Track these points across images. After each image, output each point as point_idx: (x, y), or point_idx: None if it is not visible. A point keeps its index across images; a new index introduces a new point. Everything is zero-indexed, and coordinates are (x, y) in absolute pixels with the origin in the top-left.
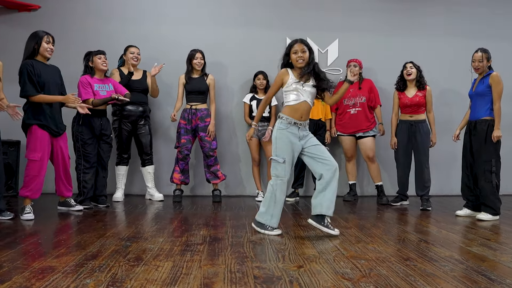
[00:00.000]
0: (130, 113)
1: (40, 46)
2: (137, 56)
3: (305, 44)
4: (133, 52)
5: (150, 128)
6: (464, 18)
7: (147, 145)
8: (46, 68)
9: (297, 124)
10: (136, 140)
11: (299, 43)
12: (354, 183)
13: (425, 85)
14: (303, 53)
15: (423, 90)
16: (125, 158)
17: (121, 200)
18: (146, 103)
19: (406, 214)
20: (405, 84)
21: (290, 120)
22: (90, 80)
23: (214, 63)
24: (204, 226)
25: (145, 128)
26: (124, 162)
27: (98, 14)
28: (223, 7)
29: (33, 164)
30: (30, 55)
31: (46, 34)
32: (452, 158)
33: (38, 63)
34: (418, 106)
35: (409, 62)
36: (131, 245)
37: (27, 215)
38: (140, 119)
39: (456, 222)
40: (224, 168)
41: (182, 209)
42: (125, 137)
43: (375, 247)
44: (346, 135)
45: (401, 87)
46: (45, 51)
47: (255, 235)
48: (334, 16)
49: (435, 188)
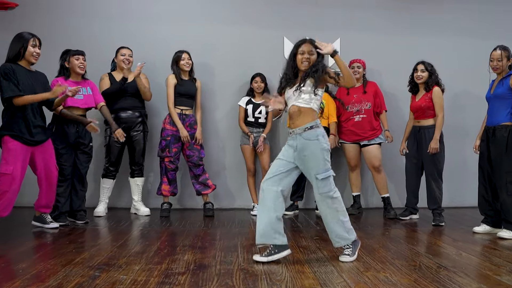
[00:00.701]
0: (124, 120)
1: (26, 50)
2: (129, 58)
3: (313, 46)
4: (124, 54)
5: (146, 136)
6: (477, 15)
7: (140, 154)
8: (29, 74)
9: (290, 133)
10: (129, 147)
11: (307, 44)
12: (358, 194)
13: (432, 86)
14: (310, 55)
15: (429, 92)
16: (112, 171)
17: (103, 214)
18: (142, 107)
19: (417, 230)
20: (417, 86)
21: (290, 131)
22: (62, 83)
23: (204, 64)
24: (190, 248)
25: (140, 135)
26: (110, 176)
27: (81, 12)
28: (214, 3)
29: (3, 178)
30: (13, 59)
31: (32, 37)
32: (463, 166)
33: (20, 68)
34: (423, 110)
35: (421, 62)
36: (100, 275)
37: None
38: (135, 125)
39: (475, 241)
40: (214, 179)
41: (169, 225)
42: (116, 149)
43: (387, 277)
44: (350, 143)
45: (413, 89)
46: (30, 55)
47: (247, 261)
48: (335, 14)
49: (445, 199)
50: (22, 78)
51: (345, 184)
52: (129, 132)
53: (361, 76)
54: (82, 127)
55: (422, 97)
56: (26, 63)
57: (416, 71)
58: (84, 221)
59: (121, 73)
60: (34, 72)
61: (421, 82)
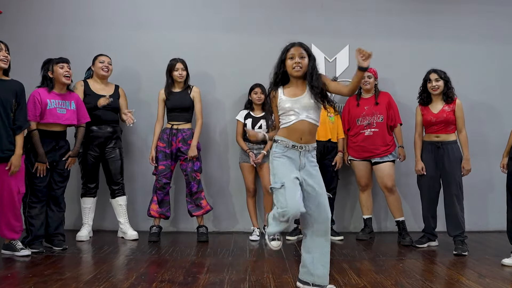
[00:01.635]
0: (97, 134)
1: None
2: (108, 66)
3: (304, 48)
4: (103, 61)
5: (122, 152)
6: (499, 19)
7: (117, 172)
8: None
9: (296, 148)
10: (104, 166)
11: (297, 47)
12: (370, 217)
13: (454, 98)
14: (301, 58)
15: (451, 104)
16: (92, 188)
17: (86, 239)
18: (117, 122)
19: (436, 262)
20: (429, 97)
21: (287, 143)
22: (45, 96)
23: (201, 74)
24: (169, 284)
25: (114, 152)
26: (90, 193)
27: (67, 19)
28: (212, 9)
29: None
30: None
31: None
32: (487, 186)
33: None
34: (446, 124)
35: (433, 71)
36: None
37: None
38: (109, 142)
39: (505, 278)
40: (214, 199)
41: (155, 253)
42: (90, 164)
43: None
44: (360, 160)
45: (425, 100)
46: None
47: None
48: (343, 19)
49: (468, 223)
50: None
51: (355, 206)
52: (103, 149)
53: (372, 86)
54: (61, 142)
55: (443, 109)
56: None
57: (430, 82)
58: (62, 247)
59: (99, 82)
60: (7, 80)
61: (437, 93)
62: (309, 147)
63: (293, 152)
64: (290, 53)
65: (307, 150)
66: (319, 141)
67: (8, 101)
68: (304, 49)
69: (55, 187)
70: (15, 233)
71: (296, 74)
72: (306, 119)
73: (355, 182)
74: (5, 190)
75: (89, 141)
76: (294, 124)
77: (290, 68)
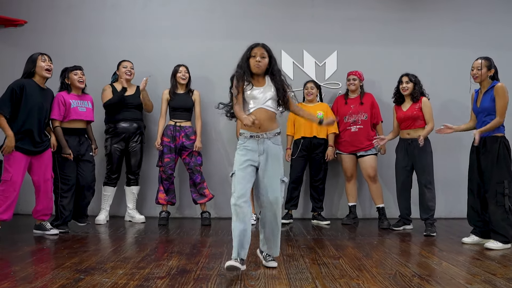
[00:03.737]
0: (123, 130)
1: (35, 67)
2: (130, 70)
3: (266, 50)
4: (126, 67)
5: (143, 147)
6: (470, 28)
7: (136, 164)
8: (40, 91)
9: (254, 137)
10: (126, 158)
11: (260, 47)
12: (354, 205)
13: (420, 97)
14: (262, 58)
15: (417, 102)
16: (114, 178)
17: (103, 222)
18: (141, 119)
19: (408, 241)
20: (402, 97)
21: (247, 134)
22: (67, 97)
23: (202, 77)
24: (177, 254)
25: (137, 146)
26: (112, 183)
27: (87, 29)
28: (213, 19)
29: (4, 184)
30: (28, 76)
31: (40, 54)
32: (460, 176)
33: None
34: (414, 119)
35: (405, 74)
36: (84, 278)
37: None
38: (133, 136)
39: (461, 252)
40: (214, 188)
41: (165, 233)
42: (116, 157)
43: (359, 284)
44: (346, 154)
45: (398, 100)
46: (42, 70)
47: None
48: (332, 27)
49: (444, 210)
50: (33, 94)
51: (342, 195)
52: (128, 142)
53: (357, 87)
54: (84, 138)
55: (411, 107)
56: (40, 79)
57: (401, 83)
58: (85, 223)
59: (122, 85)
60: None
61: (407, 93)
62: (268, 134)
63: (252, 141)
64: (253, 52)
65: (266, 138)
66: (305, 138)
67: (48, 108)
68: (266, 50)
69: (86, 175)
70: (45, 215)
71: (255, 71)
72: (263, 107)
73: (342, 174)
74: (41, 179)
75: (117, 135)
76: (253, 112)
77: (252, 66)
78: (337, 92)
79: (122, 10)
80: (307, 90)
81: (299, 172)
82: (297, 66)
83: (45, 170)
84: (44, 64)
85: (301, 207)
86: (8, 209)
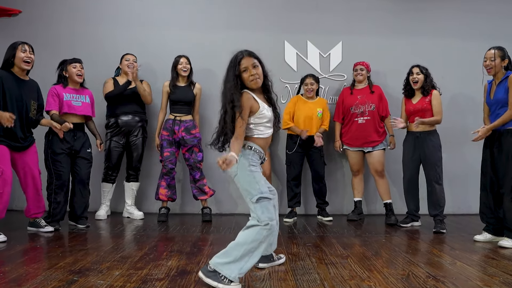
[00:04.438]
0: (124, 124)
1: (14, 57)
2: (133, 63)
3: (254, 57)
4: (128, 59)
5: (144, 142)
6: (479, 17)
7: (137, 159)
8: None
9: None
10: (127, 152)
11: (247, 57)
12: (360, 200)
13: (430, 90)
14: (255, 68)
15: (428, 96)
16: (112, 175)
17: (104, 218)
18: (143, 112)
19: (417, 238)
20: (412, 90)
21: (262, 154)
22: (60, 91)
23: (203, 70)
24: (177, 253)
25: (138, 140)
26: (110, 180)
27: (84, 19)
28: (214, 9)
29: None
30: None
31: (21, 43)
32: (469, 172)
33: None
34: (423, 112)
35: (416, 66)
36: (78, 280)
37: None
38: (134, 130)
39: (474, 250)
40: (215, 184)
41: (164, 230)
42: (115, 154)
43: (370, 286)
44: (353, 149)
45: (409, 93)
46: (21, 61)
47: None
48: (336, 17)
49: (451, 206)
50: (10, 87)
51: (346, 190)
52: (128, 136)
53: (365, 77)
54: (80, 133)
55: (420, 100)
56: (19, 70)
57: (412, 74)
58: (85, 225)
59: (125, 78)
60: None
61: (417, 86)
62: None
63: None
64: (242, 66)
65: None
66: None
67: (30, 100)
68: (255, 58)
69: (80, 172)
70: (38, 213)
71: (255, 86)
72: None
73: (346, 169)
74: (29, 176)
75: (117, 129)
76: (269, 137)
77: (247, 81)
78: (343, 84)
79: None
80: (306, 87)
81: (297, 169)
82: (300, 57)
83: (33, 167)
84: (24, 55)
85: (302, 204)
86: (4, 208)
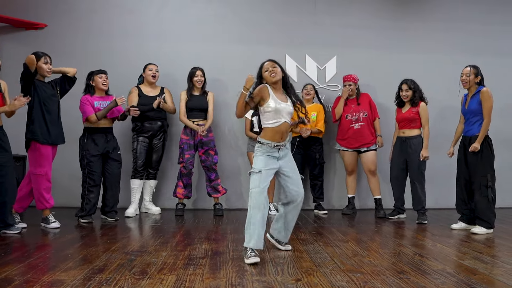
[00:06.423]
0: (148, 128)
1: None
2: (155, 73)
3: (275, 62)
4: (151, 69)
5: (165, 145)
6: (463, 35)
7: (157, 160)
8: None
9: (278, 146)
10: (148, 154)
11: (269, 61)
12: (353, 196)
13: (418, 102)
14: (274, 68)
15: (416, 107)
16: (140, 171)
17: (133, 215)
18: (165, 118)
19: (403, 227)
20: (403, 102)
21: (271, 144)
22: (90, 99)
23: (216, 79)
24: (206, 240)
25: (160, 143)
26: (139, 176)
27: (106, 32)
28: (225, 25)
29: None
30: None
31: (43, 55)
32: (448, 171)
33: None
34: (409, 121)
35: (404, 82)
36: (135, 259)
37: (54, 223)
38: (157, 134)
39: (451, 236)
40: (225, 181)
41: (184, 222)
42: (142, 152)
43: (371, 261)
44: (350, 150)
45: (400, 104)
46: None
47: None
48: (332, 34)
49: (432, 201)
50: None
51: (341, 188)
52: (152, 139)
53: (354, 92)
54: (111, 136)
55: (409, 110)
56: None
57: (401, 91)
58: (114, 219)
59: (148, 86)
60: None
61: (407, 100)
62: (285, 142)
63: (274, 149)
64: (264, 68)
65: (284, 146)
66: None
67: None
68: (275, 62)
69: (112, 173)
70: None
71: (274, 80)
72: (287, 121)
73: (341, 168)
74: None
75: (143, 133)
76: (279, 126)
77: (268, 77)
78: (337, 94)
79: (139, 14)
80: (306, 91)
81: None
82: (300, 70)
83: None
84: (46, 66)
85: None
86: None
